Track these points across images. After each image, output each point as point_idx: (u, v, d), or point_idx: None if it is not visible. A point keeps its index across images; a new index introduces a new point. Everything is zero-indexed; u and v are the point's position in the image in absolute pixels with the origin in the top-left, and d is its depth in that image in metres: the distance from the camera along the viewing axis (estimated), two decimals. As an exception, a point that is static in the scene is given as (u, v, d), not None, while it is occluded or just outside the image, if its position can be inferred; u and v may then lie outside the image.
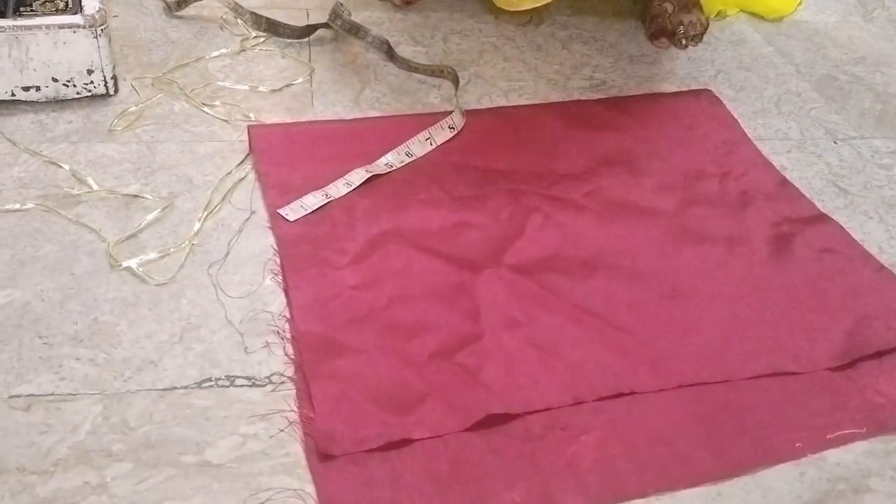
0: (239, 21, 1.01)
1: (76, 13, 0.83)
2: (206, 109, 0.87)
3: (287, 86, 0.93)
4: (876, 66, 1.09)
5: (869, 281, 0.73)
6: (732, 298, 0.71)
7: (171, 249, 0.70)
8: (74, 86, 0.85)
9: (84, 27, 0.82)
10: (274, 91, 0.92)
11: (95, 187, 0.76)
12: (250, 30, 1.01)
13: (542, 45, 1.05)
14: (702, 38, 1.02)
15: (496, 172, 0.84)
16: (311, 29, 1.00)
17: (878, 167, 0.90)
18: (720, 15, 1.14)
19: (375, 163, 0.81)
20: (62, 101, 0.85)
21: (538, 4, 0.98)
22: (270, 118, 0.87)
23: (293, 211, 0.75)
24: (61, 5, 0.85)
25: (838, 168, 0.89)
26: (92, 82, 0.85)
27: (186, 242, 0.71)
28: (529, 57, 1.03)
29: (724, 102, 0.97)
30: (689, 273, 0.73)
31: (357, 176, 0.79)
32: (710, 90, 0.99)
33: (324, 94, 0.92)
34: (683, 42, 1.02)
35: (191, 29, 1.01)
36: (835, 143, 0.93)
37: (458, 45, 1.03)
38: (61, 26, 0.81)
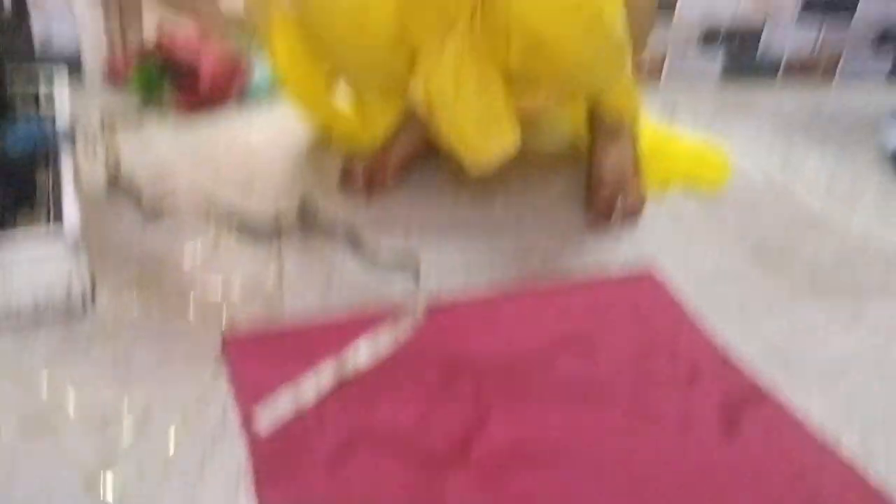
0: (211, 220, 1.08)
1: (57, 223, 0.88)
2: (181, 314, 0.92)
3: (258, 283, 0.98)
4: (806, 230, 1.17)
5: (812, 460, 0.77)
6: (686, 485, 0.74)
7: (148, 469, 0.72)
8: (51, 303, 0.89)
9: (64, 247, 0.87)
10: (246, 289, 0.97)
11: (72, 407, 0.78)
12: (222, 229, 1.07)
13: (497, 229, 1.13)
14: (639, 214, 1.10)
15: (458, 360, 0.88)
16: (280, 224, 1.07)
17: (815, 337, 0.96)
18: (660, 188, 1.23)
19: (344, 359, 0.85)
20: (39, 318, 0.89)
21: (501, 156, 1.06)
22: (242, 317, 0.92)
23: (266, 415, 0.78)
24: (43, 218, 0.90)
25: (778, 340, 0.95)
26: (69, 297, 0.89)
27: (163, 460, 0.73)
28: (485, 241, 1.10)
29: (666, 281, 1.04)
30: (646, 459, 0.77)
31: (327, 375, 0.83)
32: (652, 270, 1.05)
33: (293, 289, 0.98)
34: (618, 219, 1.10)
35: (165, 233, 1.06)
36: (773, 312, 1.00)
37: (419, 232, 1.10)
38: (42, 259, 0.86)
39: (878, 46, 1.76)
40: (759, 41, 1.69)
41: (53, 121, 1.06)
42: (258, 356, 0.87)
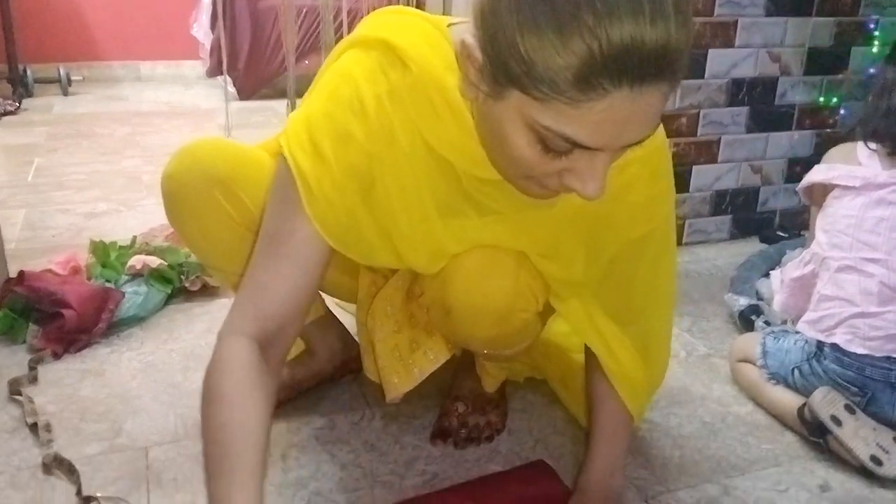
0: None
1: None
2: None
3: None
4: (669, 408, 1.24)
5: None
6: None
7: None
8: None
9: None
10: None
11: None
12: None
13: (376, 444, 1.13)
14: (493, 438, 1.12)
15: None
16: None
17: (688, 523, 0.99)
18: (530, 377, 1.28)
19: None
20: None
21: (416, 382, 1.06)
22: None
23: None
24: None
25: (654, 529, 0.98)
26: None
27: None
28: (364, 460, 1.10)
29: (554, 470, 1.06)
30: None
31: None
32: (543, 462, 1.08)
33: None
34: (459, 444, 1.11)
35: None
36: (646, 502, 1.03)
37: (297, 461, 1.09)
38: None
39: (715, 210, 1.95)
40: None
41: None
42: None
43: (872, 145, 1.25)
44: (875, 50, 1.95)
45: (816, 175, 1.32)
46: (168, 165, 1.01)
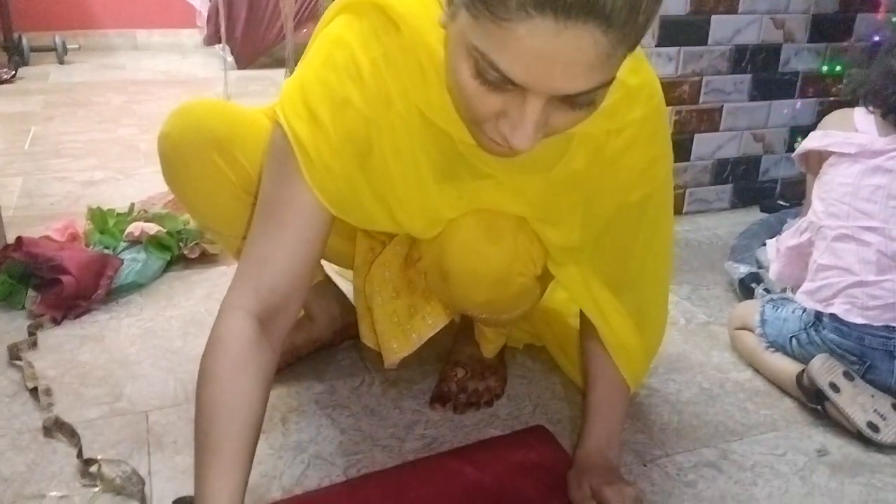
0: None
1: None
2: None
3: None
4: (668, 374, 1.24)
5: None
6: None
7: None
8: None
9: None
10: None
11: None
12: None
13: (376, 408, 1.14)
14: (492, 403, 1.12)
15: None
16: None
17: (685, 485, 1.00)
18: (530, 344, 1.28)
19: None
20: None
21: (415, 348, 1.06)
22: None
23: None
24: None
25: (651, 493, 0.98)
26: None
27: None
28: (364, 424, 1.10)
29: (553, 435, 1.06)
30: None
31: None
32: (542, 427, 1.08)
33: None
34: (459, 409, 1.12)
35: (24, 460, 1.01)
36: (644, 465, 1.03)
37: (297, 425, 1.09)
38: None
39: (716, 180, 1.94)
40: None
41: None
42: None
43: (872, 108, 1.24)
44: (881, 16, 1.93)
45: (812, 142, 1.31)
46: (165, 125, 1.00)
